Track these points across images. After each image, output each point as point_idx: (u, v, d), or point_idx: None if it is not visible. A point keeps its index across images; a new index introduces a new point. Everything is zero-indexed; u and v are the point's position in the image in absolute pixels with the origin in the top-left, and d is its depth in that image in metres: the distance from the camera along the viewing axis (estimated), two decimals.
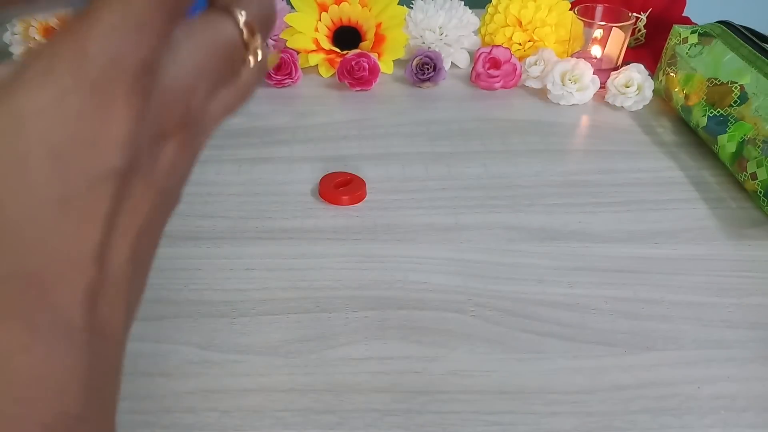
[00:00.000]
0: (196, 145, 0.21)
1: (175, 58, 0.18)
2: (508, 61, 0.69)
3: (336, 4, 0.71)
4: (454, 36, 0.73)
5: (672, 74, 0.65)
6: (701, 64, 0.61)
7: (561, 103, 0.68)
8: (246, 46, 0.21)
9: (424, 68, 0.69)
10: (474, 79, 0.71)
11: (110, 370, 0.19)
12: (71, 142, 0.15)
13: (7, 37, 0.72)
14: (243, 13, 0.20)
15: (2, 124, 0.15)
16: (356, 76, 0.68)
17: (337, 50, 0.72)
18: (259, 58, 0.21)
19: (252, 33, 0.21)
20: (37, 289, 0.16)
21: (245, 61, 0.21)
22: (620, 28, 0.67)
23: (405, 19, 0.72)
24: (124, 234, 0.18)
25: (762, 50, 0.56)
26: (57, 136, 0.15)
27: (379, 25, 0.71)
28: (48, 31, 0.68)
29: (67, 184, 0.16)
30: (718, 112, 0.57)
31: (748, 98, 0.55)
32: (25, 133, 0.15)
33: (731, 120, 0.56)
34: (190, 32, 0.19)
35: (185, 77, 0.19)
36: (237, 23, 0.20)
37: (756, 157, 0.52)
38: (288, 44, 0.71)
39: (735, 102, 0.56)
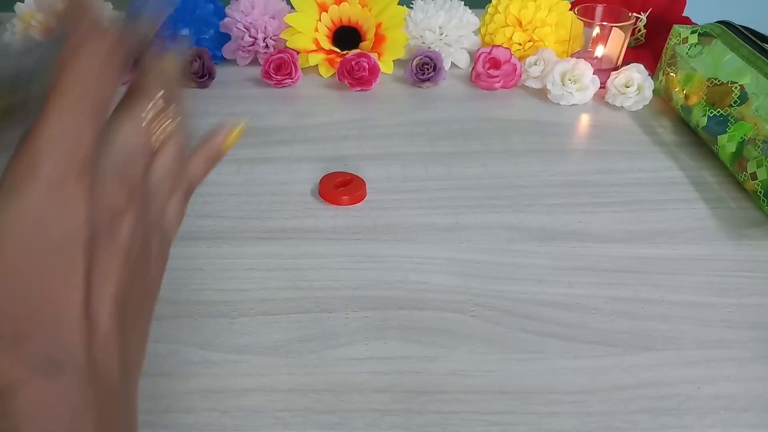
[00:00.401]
0: (153, 213, 0.26)
1: (110, 148, 0.23)
2: (508, 61, 0.69)
3: (336, 4, 0.71)
4: (454, 36, 0.73)
5: (672, 74, 0.65)
6: (701, 64, 0.61)
7: (561, 103, 0.68)
8: (162, 119, 0.26)
9: (424, 68, 0.69)
10: (474, 79, 0.71)
11: (119, 414, 0.23)
12: (42, 226, 0.21)
13: (7, 37, 0.72)
14: (155, 92, 0.25)
15: None
16: (356, 76, 0.68)
17: (337, 50, 0.72)
18: (173, 125, 0.26)
19: (166, 105, 0.26)
20: (33, 331, 0.20)
21: (164, 131, 0.26)
22: (620, 28, 0.67)
23: (405, 19, 0.72)
24: (101, 293, 0.22)
25: (762, 50, 0.56)
26: (32, 228, 0.20)
27: (379, 25, 0.71)
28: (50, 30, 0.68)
29: (46, 255, 0.21)
30: (718, 112, 0.57)
31: (748, 98, 0.55)
32: (10, 229, 0.20)
33: (731, 120, 0.56)
34: (117, 123, 0.24)
35: (121, 161, 0.24)
36: (151, 100, 0.25)
37: (756, 157, 0.52)
38: (288, 44, 0.71)
39: (735, 102, 0.56)
